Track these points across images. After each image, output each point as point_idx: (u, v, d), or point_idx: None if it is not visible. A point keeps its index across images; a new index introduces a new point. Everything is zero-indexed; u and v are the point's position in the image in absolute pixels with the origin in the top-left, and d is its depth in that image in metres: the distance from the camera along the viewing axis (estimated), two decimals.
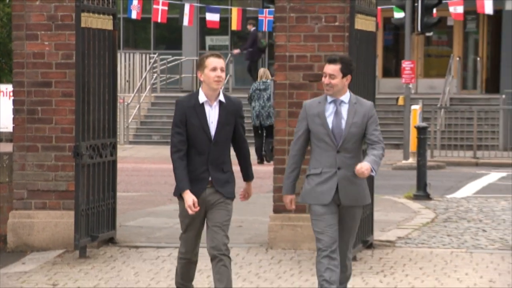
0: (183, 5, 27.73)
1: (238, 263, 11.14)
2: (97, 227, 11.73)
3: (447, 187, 20.86)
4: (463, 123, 28.51)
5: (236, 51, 30.99)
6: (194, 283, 9.84)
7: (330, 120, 6.15)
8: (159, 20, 29.83)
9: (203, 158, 6.39)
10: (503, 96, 30.34)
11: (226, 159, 6.48)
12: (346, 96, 6.21)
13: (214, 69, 6.27)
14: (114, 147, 12.43)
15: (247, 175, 6.72)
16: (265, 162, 22.86)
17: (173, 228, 13.58)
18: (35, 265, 11.19)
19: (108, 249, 11.97)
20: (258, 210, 14.65)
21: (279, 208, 11.46)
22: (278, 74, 11.72)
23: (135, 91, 33.46)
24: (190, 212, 6.38)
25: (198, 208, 6.38)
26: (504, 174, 23.65)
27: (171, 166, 17.15)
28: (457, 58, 34.80)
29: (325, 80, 6.18)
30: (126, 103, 31.02)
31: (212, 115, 6.35)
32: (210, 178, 6.39)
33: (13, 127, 12.19)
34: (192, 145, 6.40)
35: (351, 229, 6.42)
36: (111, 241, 12.23)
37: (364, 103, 6.33)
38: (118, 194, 13.08)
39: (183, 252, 6.88)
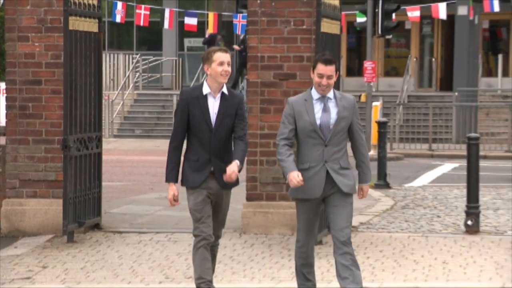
0: (164, 10, 28.24)
1: (222, 250, 11.13)
2: (83, 214, 12.01)
3: (405, 177, 21.19)
4: (420, 118, 29.37)
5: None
6: (174, 264, 10.70)
7: (318, 117, 6.12)
8: (141, 24, 30.39)
9: (206, 148, 6.35)
10: (456, 93, 31.31)
11: (228, 150, 6.46)
12: (331, 93, 6.21)
13: (221, 63, 6.27)
14: (99, 140, 12.72)
15: (236, 156, 6.50)
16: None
17: (154, 215, 14.40)
18: (27, 249, 11.40)
19: (94, 234, 12.27)
20: (232, 198, 15.13)
21: (251, 196, 12.00)
22: (251, 73, 12.09)
23: (119, 88, 34.00)
24: (169, 205, 6.55)
25: (178, 202, 6.49)
26: (456, 165, 23.96)
27: (152, 158, 19.46)
28: (414, 59, 35.60)
29: (323, 81, 6.11)
30: (110, 100, 31.63)
31: (215, 106, 6.34)
32: (212, 168, 6.35)
33: (6, 122, 12.49)
34: (194, 135, 6.36)
35: (345, 214, 6.34)
36: (97, 226, 12.55)
37: (348, 98, 6.33)
38: (103, 183, 13.41)
39: (198, 240, 6.55)
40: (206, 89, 6.31)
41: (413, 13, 27.40)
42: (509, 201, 15.60)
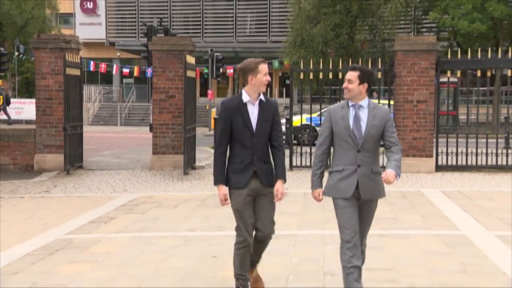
0: (113, 65, 31.90)
1: (142, 176, 14.04)
2: (74, 161, 14.88)
3: None
4: None
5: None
6: (117, 184, 12.86)
7: (351, 123, 5.09)
8: (102, 71, 34.50)
9: (248, 151, 5.29)
10: None
11: (267, 151, 5.39)
12: (364, 102, 5.14)
13: (266, 74, 5.33)
14: (81, 126, 15.48)
15: (279, 173, 5.42)
16: None
17: (108, 161, 16.96)
18: (46, 177, 14.00)
19: (79, 171, 14.89)
20: (146, 152, 16.75)
21: (155, 152, 14.91)
22: (155, 95, 14.94)
23: (91, 102, 40.80)
24: (221, 204, 5.39)
25: (228, 202, 5.35)
26: None
27: (107, 135, 21.78)
28: (229, 90, 45.11)
29: (344, 84, 5.18)
30: (87, 107, 37.76)
31: (254, 112, 5.30)
32: (255, 169, 5.28)
33: (36, 117, 15.08)
34: (237, 140, 5.30)
35: (368, 220, 5.23)
36: (81, 167, 15.21)
37: (381, 108, 5.25)
38: (84, 147, 15.86)
39: (242, 240, 5.34)
40: (245, 98, 5.31)
41: (229, 70, 32.16)
42: None
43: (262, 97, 5.35)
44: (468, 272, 6.22)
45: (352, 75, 5.11)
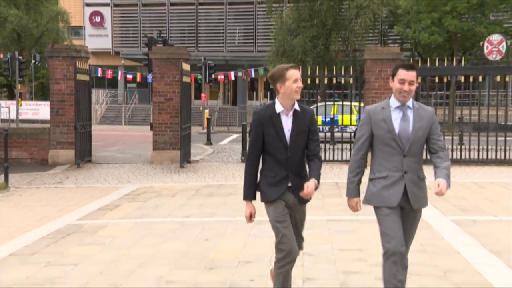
0: (118, 71, 30.67)
1: (144, 169, 13.80)
2: (83, 155, 14.78)
3: (219, 140, 23.97)
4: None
5: None
6: (122, 176, 12.64)
7: (396, 125, 4.02)
8: (108, 76, 33.78)
9: (282, 166, 4.21)
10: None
11: (303, 165, 4.30)
12: (410, 101, 4.07)
13: (296, 80, 4.16)
14: (90, 125, 15.37)
15: (313, 174, 4.22)
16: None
17: (114, 156, 16.78)
18: (59, 170, 13.88)
19: (89, 165, 14.79)
20: (147, 148, 16.68)
21: (155, 148, 14.79)
22: (155, 97, 14.69)
23: (99, 103, 40.32)
24: (246, 221, 4.33)
25: (253, 220, 4.32)
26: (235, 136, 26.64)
27: (114, 133, 21.40)
28: (221, 94, 45.44)
29: (405, 86, 3.98)
30: (95, 108, 38.36)
31: (288, 124, 4.21)
32: (289, 184, 4.22)
33: (50, 117, 14.98)
34: (270, 153, 4.24)
35: (412, 231, 4.15)
36: (89, 161, 15.09)
37: (426, 108, 4.12)
38: (92, 143, 15.73)
39: (285, 254, 4.14)
40: (279, 108, 4.23)
41: (220, 76, 32.23)
42: None
43: (296, 106, 4.27)
44: (427, 251, 6.23)
45: (412, 75, 4.04)
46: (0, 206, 9.42)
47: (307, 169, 4.26)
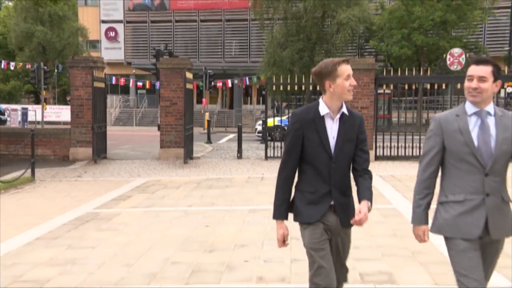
0: (129, 79, 29.64)
1: (152, 165, 13.50)
2: (100, 152, 14.62)
3: (218, 139, 23.61)
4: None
5: None
6: (133, 170, 12.38)
7: (475, 136, 2.75)
8: (121, 84, 32.53)
9: (325, 179, 2.94)
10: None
11: (348, 180, 3.03)
12: (491, 107, 2.78)
13: (348, 77, 2.94)
14: (105, 126, 15.14)
15: (364, 195, 2.97)
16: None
17: (127, 153, 16.53)
18: (78, 165, 13.78)
19: (104, 161, 14.55)
20: (155, 146, 16.24)
21: (162, 146, 14.35)
22: (162, 102, 14.27)
23: (113, 107, 39.63)
24: (278, 246, 3.07)
25: (287, 244, 3.05)
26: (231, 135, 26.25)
27: (126, 133, 20.76)
28: (219, 100, 44.24)
29: (472, 84, 2.77)
30: (110, 112, 37.13)
31: (333, 129, 2.96)
32: (332, 202, 2.95)
33: (70, 119, 14.78)
34: (310, 164, 2.97)
35: (493, 264, 2.89)
36: (105, 158, 14.88)
37: (510, 115, 2.80)
38: (107, 142, 15.54)
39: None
40: (323, 109, 2.96)
41: (219, 83, 30.34)
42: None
43: (344, 109, 3.04)
44: (397, 235, 6.19)
45: (485, 70, 2.80)
46: (28, 197, 9.41)
47: (355, 187, 3.06)
